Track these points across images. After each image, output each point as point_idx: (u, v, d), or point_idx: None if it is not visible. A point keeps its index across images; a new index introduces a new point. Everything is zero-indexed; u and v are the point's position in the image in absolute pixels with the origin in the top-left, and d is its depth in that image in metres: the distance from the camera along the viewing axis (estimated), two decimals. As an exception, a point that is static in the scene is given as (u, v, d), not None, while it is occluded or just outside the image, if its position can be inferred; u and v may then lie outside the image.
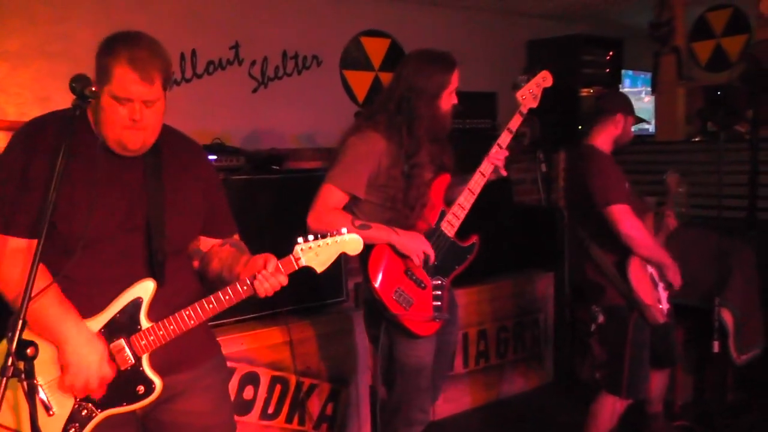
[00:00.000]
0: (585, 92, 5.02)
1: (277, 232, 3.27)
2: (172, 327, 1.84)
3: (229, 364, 2.93)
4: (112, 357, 1.82)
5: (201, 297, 1.93)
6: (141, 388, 1.85)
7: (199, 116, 3.82)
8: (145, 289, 1.84)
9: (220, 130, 3.88)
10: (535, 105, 2.78)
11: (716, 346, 3.45)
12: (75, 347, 1.76)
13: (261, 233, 3.26)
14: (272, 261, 1.82)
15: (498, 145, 2.71)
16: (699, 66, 5.42)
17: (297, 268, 1.84)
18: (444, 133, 2.68)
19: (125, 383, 1.84)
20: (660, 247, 3.12)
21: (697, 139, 4.99)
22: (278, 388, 3.32)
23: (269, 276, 1.81)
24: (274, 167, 3.64)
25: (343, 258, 3.51)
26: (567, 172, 3.41)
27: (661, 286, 3.16)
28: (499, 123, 3.97)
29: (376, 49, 4.62)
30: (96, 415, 1.82)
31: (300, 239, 1.83)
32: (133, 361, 1.84)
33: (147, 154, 1.89)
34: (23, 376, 1.54)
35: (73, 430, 1.80)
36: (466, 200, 2.67)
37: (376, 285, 2.52)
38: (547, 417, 4.01)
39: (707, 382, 3.99)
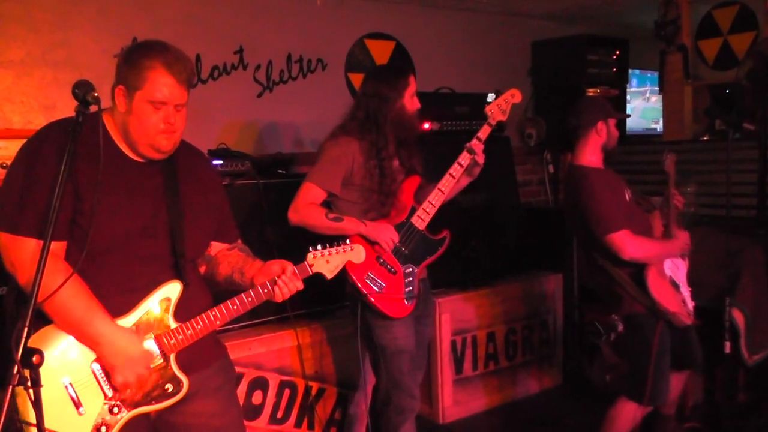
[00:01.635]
0: (591, 92, 5.01)
1: (282, 235, 3.27)
2: (199, 326, 1.92)
3: (237, 369, 2.93)
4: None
5: (212, 299, 2.03)
6: (169, 387, 1.90)
7: (205, 121, 3.83)
8: (173, 290, 1.92)
9: (226, 134, 3.89)
10: (503, 119, 3.03)
11: (727, 347, 3.42)
12: (115, 345, 1.80)
13: (266, 237, 3.26)
14: (289, 267, 1.98)
15: (467, 150, 2.92)
16: (706, 64, 5.37)
17: (311, 273, 2.04)
18: (411, 134, 2.95)
19: (154, 382, 1.89)
20: (667, 244, 3.09)
21: (705, 138, 4.95)
22: (287, 392, 3.32)
23: (288, 281, 1.96)
24: (280, 171, 3.64)
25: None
26: (564, 198, 3.39)
27: (683, 286, 3.13)
28: (505, 124, 3.95)
29: (381, 52, 4.61)
30: (125, 414, 1.85)
31: (311, 248, 2.04)
32: (162, 360, 1.89)
33: (164, 161, 1.96)
34: (29, 384, 1.54)
35: (104, 428, 1.82)
36: (436, 198, 2.90)
37: (350, 270, 2.77)
38: (556, 419, 3.98)
39: (718, 383, 3.95)
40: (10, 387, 1.46)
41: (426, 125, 3.52)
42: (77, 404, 1.79)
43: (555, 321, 4.49)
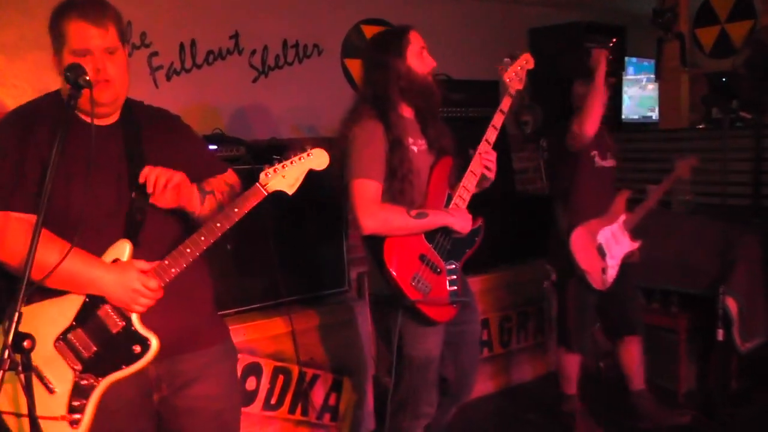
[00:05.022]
0: (586, 79, 4.99)
1: (279, 221, 3.27)
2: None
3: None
4: (102, 322, 1.83)
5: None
6: (137, 348, 1.86)
7: (200, 106, 3.81)
8: (120, 250, 1.86)
9: (221, 120, 3.87)
10: (521, 87, 2.79)
11: (720, 335, 3.46)
12: (112, 276, 1.80)
13: (264, 223, 3.25)
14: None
15: (493, 126, 2.70)
16: (703, 52, 5.36)
17: (266, 193, 1.89)
18: (431, 99, 2.61)
19: (120, 346, 1.85)
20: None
21: (701, 127, 4.95)
22: (281, 378, 3.32)
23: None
24: (275, 157, 3.61)
25: (345, 247, 3.52)
26: None
27: (611, 258, 3.36)
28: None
29: (377, 38, 4.59)
30: (98, 384, 1.83)
31: (266, 165, 1.88)
32: (123, 323, 1.85)
33: (125, 123, 1.94)
34: (20, 368, 1.54)
35: (78, 403, 1.80)
36: (469, 182, 2.65)
37: (394, 273, 2.46)
38: (551, 405, 3.98)
39: (711, 370, 3.98)
40: (1, 372, 1.46)
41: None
42: (47, 386, 1.79)
43: (550, 308, 4.48)
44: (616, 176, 3.54)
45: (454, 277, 2.62)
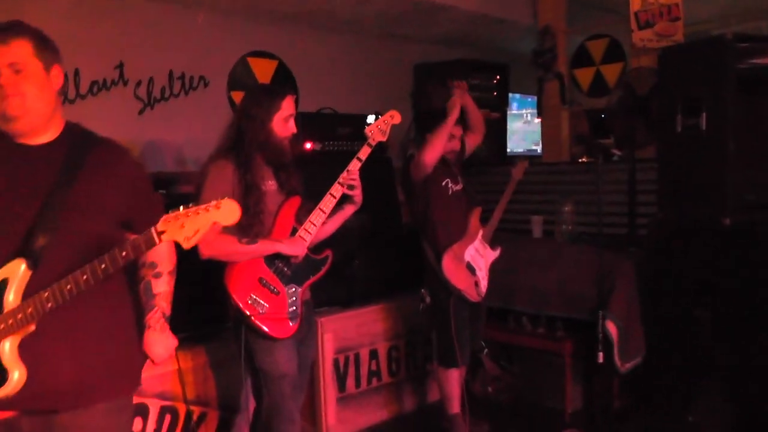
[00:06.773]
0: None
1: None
2: (30, 309, 1.70)
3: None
4: None
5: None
6: None
7: (83, 139, 3.69)
8: (13, 269, 1.72)
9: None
10: (383, 139, 3.06)
11: (600, 357, 3.61)
12: None
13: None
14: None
15: (348, 170, 2.95)
16: (581, 91, 5.68)
17: (158, 243, 1.72)
18: (280, 158, 2.88)
19: None
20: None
21: (582, 160, 5.22)
22: (168, 418, 3.21)
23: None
24: (161, 191, 3.53)
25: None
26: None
27: (480, 270, 3.68)
28: (387, 145, 4.01)
29: (263, 71, 4.60)
30: None
31: (170, 210, 1.72)
32: None
33: (71, 149, 1.86)
34: None
35: None
36: (317, 218, 2.90)
37: (233, 292, 2.77)
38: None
39: (595, 390, 4.14)
40: None
41: (308, 145, 3.52)
42: None
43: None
44: (467, 197, 3.81)
45: (294, 299, 2.86)
